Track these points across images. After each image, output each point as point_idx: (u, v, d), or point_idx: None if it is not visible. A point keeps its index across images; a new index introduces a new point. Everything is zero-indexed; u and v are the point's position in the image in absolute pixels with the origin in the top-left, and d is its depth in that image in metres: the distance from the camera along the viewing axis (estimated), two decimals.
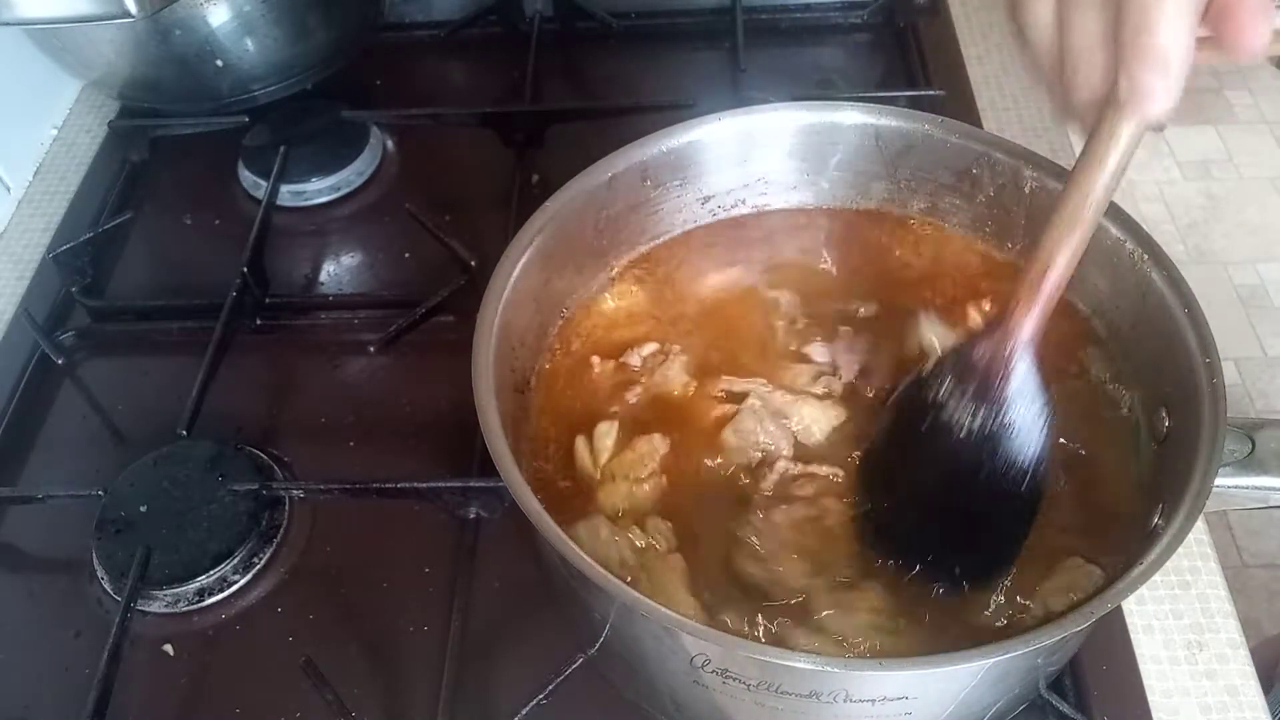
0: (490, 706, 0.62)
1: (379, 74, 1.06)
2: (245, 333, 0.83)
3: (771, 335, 0.69)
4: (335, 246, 0.92)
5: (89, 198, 0.97)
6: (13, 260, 0.92)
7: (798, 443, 0.63)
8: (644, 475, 0.61)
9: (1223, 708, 0.61)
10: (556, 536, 0.50)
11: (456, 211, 0.90)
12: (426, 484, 0.69)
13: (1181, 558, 0.67)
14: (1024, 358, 0.52)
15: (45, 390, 0.82)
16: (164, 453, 0.73)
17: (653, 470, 0.61)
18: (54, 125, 1.04)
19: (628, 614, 0.53)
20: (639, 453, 0.62)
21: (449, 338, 0.81)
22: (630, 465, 0.61)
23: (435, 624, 0.66)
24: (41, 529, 0.74)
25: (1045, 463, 0.53)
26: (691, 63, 1.08)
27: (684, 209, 0.73)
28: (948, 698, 0.52)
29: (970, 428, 0.53)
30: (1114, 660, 0.63)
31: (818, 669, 0.47)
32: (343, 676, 0.62)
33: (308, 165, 0.94)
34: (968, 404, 0.53)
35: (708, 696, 0.53)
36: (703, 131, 0.69)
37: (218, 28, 0.92)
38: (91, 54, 0.95)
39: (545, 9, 1.08)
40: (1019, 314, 0.51)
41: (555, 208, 0.65)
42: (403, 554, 0.70)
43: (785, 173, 0.73)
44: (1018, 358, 0.52)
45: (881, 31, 1.07)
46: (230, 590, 0.69)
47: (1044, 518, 0.56)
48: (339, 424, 0.78)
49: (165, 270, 0.93)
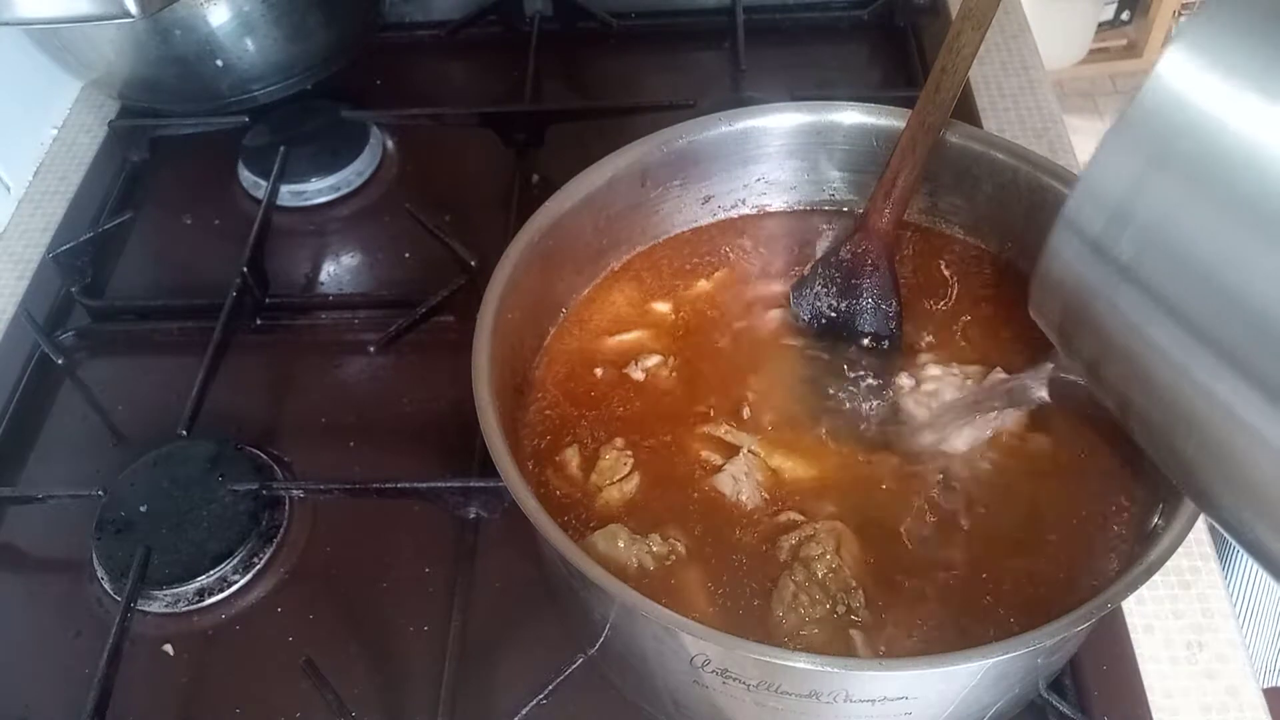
0: (490, 706, 0.62)
1: (379, 74, 1.06)
2: (245, 333, 0.83)
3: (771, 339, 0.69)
4: (335, 246, 0.92)
5: (89, 198, 0.97)
6: (13, 260, 0.92)
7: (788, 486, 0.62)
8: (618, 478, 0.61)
9: (1223, 708, 0.61)
10: (557, 536, 0.50)
11: (456, 211, 0.90)
12: (426, 484, 0.69)
13: (1181, 558, 0.67)
14: (884, 251, 0.67)
15: (45, 390, 0.82)
16: (164, 453, 0.73)
17: (625, 475, 0.61)
18: (54, 125, 1.04)
19: (628, 614, 0.53)
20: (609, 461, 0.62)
21: (449, 338, 0.81)
22: (605, 472, 0.61)
23: (435, 624, 0.66)
24: (41, 529, 0.74)
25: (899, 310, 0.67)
26: (691, 63, 1.08)
27: (684, 209, 0.73)
28: (948, 698, 0.52)
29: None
30: (1114, 660, 0.63)
31: (818, 669, 0.47)
32: (343, 676, 0.62)
33: (308, 165, 0.94)
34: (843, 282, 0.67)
35: (708, 696, 0.53)
36: (703, 131, 0.69)
37: (218, 28, 0.92)
38: (91, 54, 0.95)
39: (545, 9, 1.08)
40: (875, 217, 0.67)
41: (555, 208, 0.65)
42: (403, 554, 0.70)
43: (785, 173, 0.73)
44: (879, 251, 0.67)
45: (881, 31, 1.07)
46: (230, 590, 0.69)
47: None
48: (339, 424, 0.78)
49: (165, 270, 0.93)
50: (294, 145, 0.95)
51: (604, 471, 0.61)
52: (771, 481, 0.61)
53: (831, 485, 0.61)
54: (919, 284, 0.70)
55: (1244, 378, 0.28)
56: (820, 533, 0.57)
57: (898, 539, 0.58)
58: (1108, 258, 0.32)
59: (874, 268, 0.67)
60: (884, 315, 0.67)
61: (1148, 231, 0.30)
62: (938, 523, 0.59)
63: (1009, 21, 1.05)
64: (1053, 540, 0.58)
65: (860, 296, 0.67)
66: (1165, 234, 0.30)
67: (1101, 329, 0.34)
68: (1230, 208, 0.28)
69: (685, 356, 0.68)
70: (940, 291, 0.70)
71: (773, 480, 0.61)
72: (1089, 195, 0.32)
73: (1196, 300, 0.30)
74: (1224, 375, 0.29)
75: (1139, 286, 0.31)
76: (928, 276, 0.71)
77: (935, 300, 0.70)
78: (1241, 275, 0.28)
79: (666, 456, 0.63)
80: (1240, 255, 0.28)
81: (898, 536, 0.58)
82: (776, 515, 0.59)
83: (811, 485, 0.61)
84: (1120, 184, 0.31)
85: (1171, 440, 0.35)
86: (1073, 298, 0.35)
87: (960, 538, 0.58)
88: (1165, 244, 0.30)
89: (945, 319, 0.69)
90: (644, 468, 0.62)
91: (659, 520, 0.60)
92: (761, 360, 0.68)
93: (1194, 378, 0.30)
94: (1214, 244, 0.29)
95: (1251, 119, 0.27)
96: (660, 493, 0.61)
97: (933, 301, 0.70)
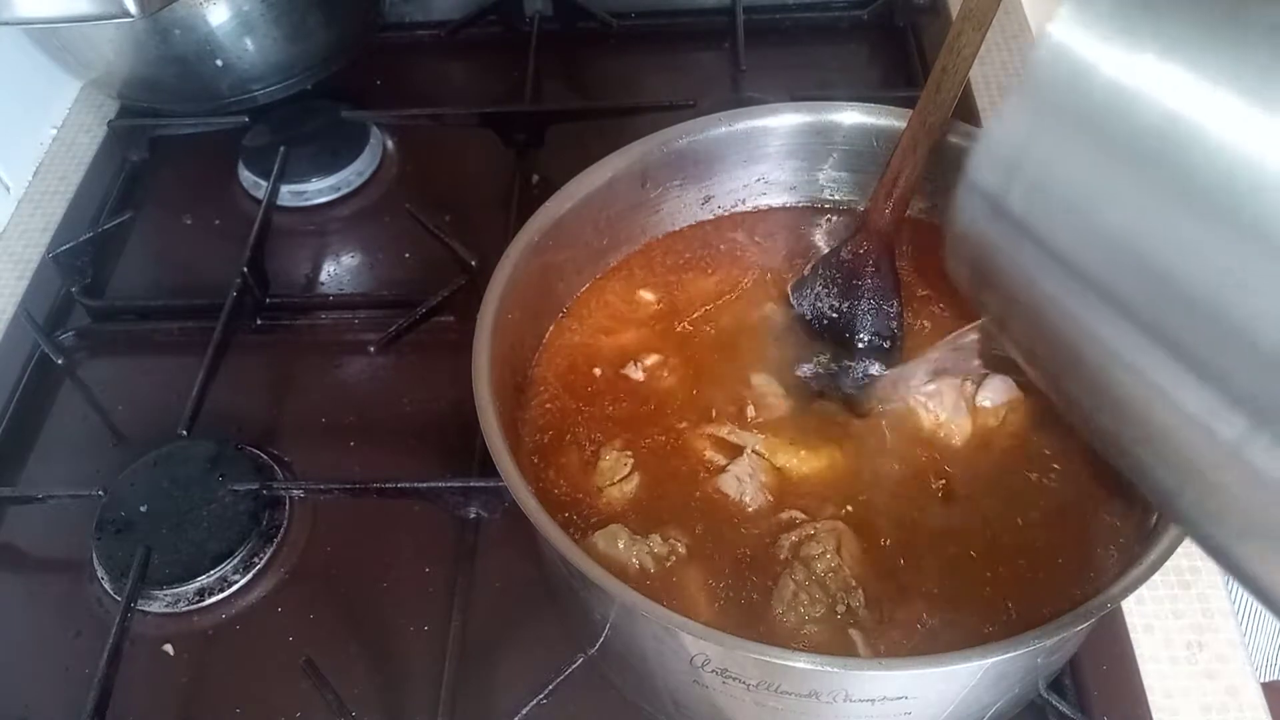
0: (490, 706, 0.62)
1: (379, 74, 1.06)
2: (245, 333, 0.83)
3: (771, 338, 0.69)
4: (335, 246, 0.92)
5: (89, 197, 0.97)
6: (13, 260, 0.92)
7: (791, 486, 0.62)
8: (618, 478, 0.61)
9: (1223, 708, 0.61)
10: (557, 536, 0.50)
11: (456, 211, 0.90)
12: (426, 484, 0.69)
13: (1181, 557, 0.67)
14: (885, 251, 0.67)
15: (45, 390, 0.82)
16: (164, 453, 0.73)
17: (625, 475, 0.61)
18: (54, 125, 1.04)
19: (628, 614, 0.53)
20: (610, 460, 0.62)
21: (449, 338, 0.81)
22: (606, 472, 0.62)
23: (435, 624, 0.66)
24: (41, 529, 0.74)
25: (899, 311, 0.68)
26: (691, 63, 1.08)
27: (684, 209, 0.73)
28: (947, 698, 0.52)
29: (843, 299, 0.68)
30: (1114, 660, 0.63)
31: (818, 669, 0.47)
32: (343, 676, 0.62)
33: (308, 165, 0.95)
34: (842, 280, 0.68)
35: (708, 696, 0.53)
36: (703, 131, 0.69)
37: (217, 27, 0.92)
38: (91, 54, 0.95)
39: (545, 9, 1.08)
40: (876, 217, 0.67)
41: (555, 208, 0.65)
42: (403, 554, 0.70)
43: (785, 173, 0.73)
44: (880, 251, 0.67)
45: (881, 31, 1.07)
46: (230, 590, 0.69)
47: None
48: (339, 424, 0.78)
49: (165, 270, 0.93)
50: (294, 145, 0.95)
51: (604, 471, 0.61)
52: (775, 482, 0.61)
53: (833, 484, 0.61)
54: (920, 281, 0.70)
55: (1123, 317, 0.30)
56: (821, 532, 0.57)
57: (899, 538, 0.58)
58: (1003, 212, 0.33)
59: (875, 268, 0.67)
60: (885, 315, 0.67)
61: (1036, 183, 0.32)
62: (939, 522, 0.59)
63: (1009, 21, 1.05)
64: (1054, 540, 0.58)
65: (861, 297, 0.67)
66: (1051, 184, 0.32)
67: (1003, 284, 0.36)
68: (1105, 152, 0.30)
69: (685, 356, 0.68)
70: (941, 288, 0.70)
71: (776, 480, 0.61)
72: (986, 152, 0.34)
73: (1081, 247, 0.31)
74: (1106, 317, 0.31)
75: (1031, 239, 0.33)
76: (930, 273, 0.70)
77: (936, 297, 0.70)
78: (1117, 216, 0.30)
79: (667, 456, 0.63)
80: (1114, 195, 0.30)
81: (899, 535, 0.58)
82: (777, 514, 0.59)
83: (813, 484, 0.61)
84: (1013, 139, 0.32)
85: (1068, 389, 0.37)
86: (977, 255, 0.36)
87: (962, 537, 0.58)
88: (1051, 194, 0.32)
89: (946, 318, 0.69)
90: (644, 467, 0.62)
91: (659, 520, 0.60)
92: (762, 360, 0.67)
93: (1082, 322, 0.32)
94: (1091, 187, 0.31)
95: (1118, 68, 0.29)
96: (661, 492, 0.61)
97: (933, 298, 0.69)
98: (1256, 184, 0.26)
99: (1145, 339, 0.30)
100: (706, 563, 0.58)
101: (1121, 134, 0.29)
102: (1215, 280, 0.27)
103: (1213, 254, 0.27)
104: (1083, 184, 0.31)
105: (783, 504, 0.60)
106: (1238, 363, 0.27)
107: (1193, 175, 0.27)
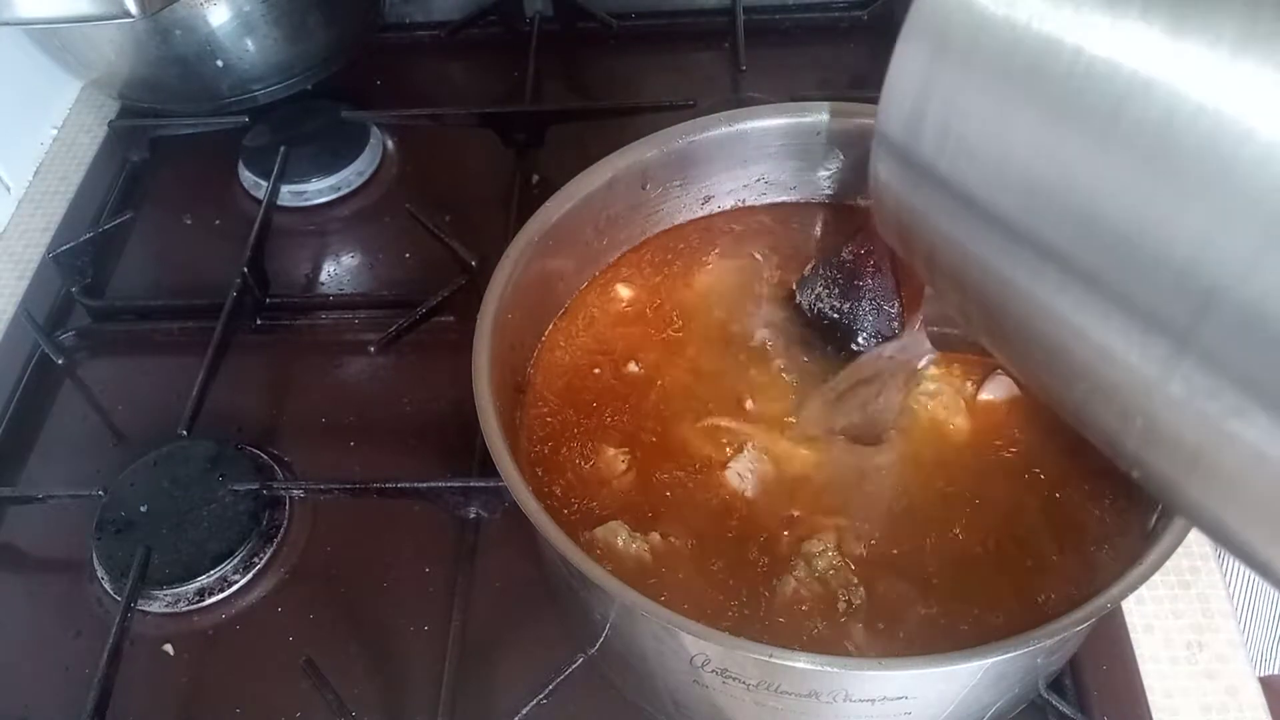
0: (490, 706, 0.62)
1: (379, 74, 1.06)
2: (245, 333, 0.83)
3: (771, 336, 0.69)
4: (335, 246, 0.93)
5: (89, 198, 0.97)
6: (13, 260, 0.92)
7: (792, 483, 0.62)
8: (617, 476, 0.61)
9: (1223, 708, 0.61)
10: (557, 536, 0.50)
11: (456, 211, 0.90)
12: (426, 484, 0.69)
13: (1181, 557, 0.67)
14: (886, 252, 0.64)
15: (45, 390, 0.82)
16: (164, 453, 0.73)
17: (624, 472, 0.61)
18: (54, 125, 1.04)
19: (628, 614, 0.53)
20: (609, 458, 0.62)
21: (449, 338, 0.81)
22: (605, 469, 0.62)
23: (435, 624, 0.66)
24: (41, 529, 0.74)
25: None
26: (691, 63, 1.08)
27: (684, 209, 0.73)
28: (947, 697, 0.52)
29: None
30: (1114, 660, 0.63)
31: (818, 669, 0.47)
32: (343, 676, 0.62)
33: (308, 165, 0.95)
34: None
35: (708, 696, 0.53)
36: (703, 131, 0.69)
37: (218, 28, 0.92)
38: (91, 54, 0.95)
39: (545, 9, 1.08)
40: None
41: (555, 208, 0.65)
42: (403, 554, 0.70)
43: (785, 173, 0.73)
44: (881, 251, 0.64)
45: (882, 31, 1.07)
46: (230, 590, 0.69)
47: None
48: (339, 424, 0.78)
49: (165, 270, 0.93)
50: (294, 145, 0.95)
51: (604, 469, 0.61)
52: (775, 479, 0.61)
53: (834, 481, 0.61)
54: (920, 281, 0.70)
55: (1040, 257, 0.30)
56: (822, 529, 0.57)
57: (900, 536, 0.58)
58: (914, 160, 0.33)
59: (876, 269, 0.67)
60: (885, 315, 0.67)
61: (942, 125, 0.32)
62: (941, 521, 0.59)
63: None
64: (1055, 539, 0.58)
65: (862, 297, 0.67)
66: (956, 123, 0.32)
67: (924, 238, 0.36)
68: (1004, 82, 0.30)
69: (685, 355, 0.68)
70: None
71: (777, 477, 0.61)
72: (889, 103, 0.34)
73: (991, 184, 0.31)
74: (1023, 259, 0.31)
75: (944, 184, 0.33)
76: None
77: None
78: (1025, 147, 0.30)
79: (667, 454, 0.63)
80: (1019, 126, 0.29)
81: (899, 534, 0.58)
82: (778, 512, 0.59)
83: (815, 481, 0.61)
84: (914, 82, 0.32)
85: (1008, 349, 0.36)
86: (898, 210, 0.36)
87: (963, 536, 0.58)
88: (958, 133, 0.32)
89: None
90: (644, 465, 0.62)
91: (659, 518, 0.60)
92: (762, 359, 0.68)
93: (1000, 268, 0.32)
94: (996, 120, 0.30)
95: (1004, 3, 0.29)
96: (660, 490, 0.61)
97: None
98: (1125, 93, 0.26)
99: (1065, 276, 0.29)
100: (706, 560, 0.58)
101: (1018, 63, 0.28)
102: (1127, 205, 0.27)
103: (1124, 180, 0.27)
104: (987, 118, 0.30)
105: (783, 501, 0.60)
106: (1155, 287, 0.27)
107: (1090, 96, 0.27)
